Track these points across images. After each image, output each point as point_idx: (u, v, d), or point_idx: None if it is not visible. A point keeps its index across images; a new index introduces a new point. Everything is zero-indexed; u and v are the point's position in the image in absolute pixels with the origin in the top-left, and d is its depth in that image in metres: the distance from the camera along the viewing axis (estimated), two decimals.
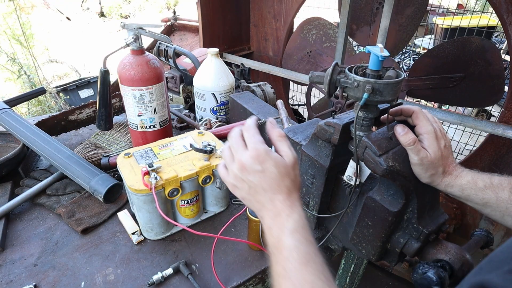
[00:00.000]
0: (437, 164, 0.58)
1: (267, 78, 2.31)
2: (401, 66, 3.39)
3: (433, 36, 3.85)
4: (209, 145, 0.81)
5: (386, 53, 0.55)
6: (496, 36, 3.65)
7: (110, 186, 0.85)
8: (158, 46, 1.43)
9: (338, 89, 0.62)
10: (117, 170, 0.97)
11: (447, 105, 2.29)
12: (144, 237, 0.81)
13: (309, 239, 0.50)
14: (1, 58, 3.39)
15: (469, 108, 2.96)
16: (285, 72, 2.07)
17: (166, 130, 1.05)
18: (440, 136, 0.60)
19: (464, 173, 0.60)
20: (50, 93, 3.41)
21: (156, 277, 0.69)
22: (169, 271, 0.71)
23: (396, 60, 3.19)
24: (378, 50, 0.55)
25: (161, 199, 0.74)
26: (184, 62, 1.48)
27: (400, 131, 0.58)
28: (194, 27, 2.80)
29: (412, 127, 0.61)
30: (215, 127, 1.05)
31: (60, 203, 0.89)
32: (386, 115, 0.64)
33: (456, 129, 2.20)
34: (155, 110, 0.97)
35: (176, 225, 0.77)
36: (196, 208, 0.83)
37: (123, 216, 0.85)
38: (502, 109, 1.50)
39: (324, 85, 0.61)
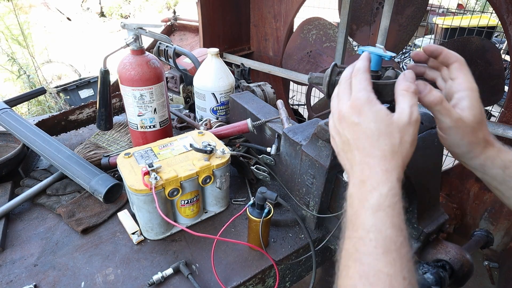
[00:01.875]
0: (477, 129, 0.47)
1: (267, 78, 2.31)
2: (401, 66, 3.39)
3: (433, 36, 3.85)
4: (209, 145, 0.81)
5: (391, 53, 0.55)
6: (496, 36, 3.65)
7: (110, 186, 0.85)
8: (158, 46, 1.43)
9: None
10: (117, 170, 0.97)
11: None
12: (144, 237, 0.81)
13: (397, 224, 0.39)
14: (0, 58, 3.40)
15: None
16: (285, 72, 2.07)
17: (166, 130, 1.05)
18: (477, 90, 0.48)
19: (505, 148, 0.49)
20: (50, 93, 3.41)
21: (156, 277, 0.69)
22: (169, 271, 0.71)
23: (396, 60, 3.19)
24: (381, 51, 0.55)
25: (161, 199, 0.74)
26: (184, 62, 1.48)
27: (423, 88, 0.47)
28: (194, 27, 2.80)
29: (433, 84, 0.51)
30: (215, 127, 1.05)
31: (60, 203, 0.89)
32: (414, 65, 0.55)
33: None
34: (155, 110, 0.97)
35: (176, 226, 0.77)
36: (196, 208, 0.83)
37: (123, 216, 0.85)
38: (502, 109, 1.50)
39: (323, 86, 0.61)
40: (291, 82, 2.52)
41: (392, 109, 0.45)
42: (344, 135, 0.45)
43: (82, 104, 1.22)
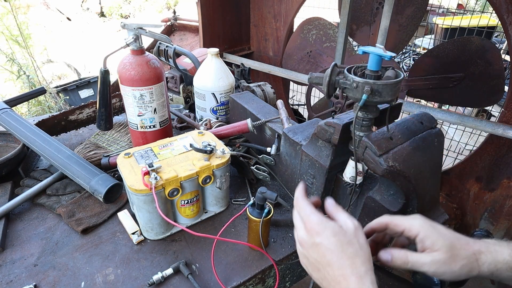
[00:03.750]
0: (456, 253, 0.49)
1: (267, 78, 2.31)
2: (401, 66, 3.39)
3: (433, 36, 3.85)
4: (209, 145, 0.81)
5: (391, 53, 0.55)
6: (496, 36, 3.65)
7: (110, 186, 0.85)
8: (158, 46, 1.43)
9: (338, 89, 0.62)
10: (117, 170, 0.97)
11: (447, 105, 2.29)
12: (144, 237, 0.81)
13: None
14: (0, 58, 3.40)
15: (469, 108, 2.96)
16: (285, 72, 2.07)
17: (166, 130, 1.05)
18: (430, 222, 0.52)
19: (495, 247, 0.50)
20: (50, 93, 3.41)
21: (156, 277, 0.69)
22: (169, 271, 0.71)
23: (396, 60, 3.19)
24: (381, 51, 0.55)
25: (161, 199, 0.74)
26: (184, 62, 1.48)
27: (387, 258, 0.51)
28: (194, 27, 2.80)
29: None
30: (215, 127, 1.05)
31: (60, 203, 0.89)
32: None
33: (456, 129, 2.21)
34: (155, 110, 0.97)
35: (176, 226, 0.77)
36: (196, 208, 0.83)
37: (123, 216, 0.85)
38: (502, 109, 1.50)
39: (323, 86, 0.61)
40: (291, 82, 2.52)
41: (392, 108, 0.44)
42: (311, 256, 0.49)
43: (82, 104, 1.22)
